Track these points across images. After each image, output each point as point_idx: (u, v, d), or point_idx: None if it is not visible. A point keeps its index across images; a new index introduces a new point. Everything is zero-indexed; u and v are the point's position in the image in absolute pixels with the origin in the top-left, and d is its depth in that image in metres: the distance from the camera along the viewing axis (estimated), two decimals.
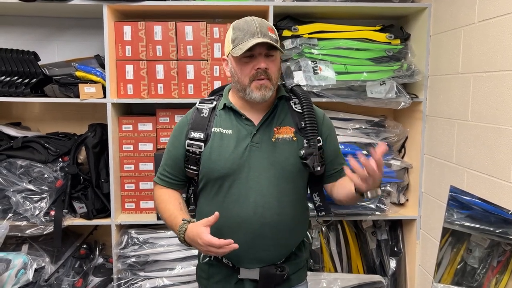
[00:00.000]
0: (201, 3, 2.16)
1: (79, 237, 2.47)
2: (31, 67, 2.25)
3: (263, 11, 2.20)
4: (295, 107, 1.48)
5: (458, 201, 1.83)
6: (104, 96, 2.17)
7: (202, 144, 1.44)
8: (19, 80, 2.22)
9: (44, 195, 2.17)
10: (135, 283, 2.18)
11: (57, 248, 2.26)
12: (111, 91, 2.16)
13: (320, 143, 1.46)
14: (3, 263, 2.02)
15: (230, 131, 1.43)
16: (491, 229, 1.63)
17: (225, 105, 1.47)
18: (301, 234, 1.53)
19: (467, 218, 1.77)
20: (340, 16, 2.37)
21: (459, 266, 1.80)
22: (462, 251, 1.79)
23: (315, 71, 2.12)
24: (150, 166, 2.27)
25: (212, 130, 1.45)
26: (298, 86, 1.54)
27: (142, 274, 2.19)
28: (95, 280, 2.29)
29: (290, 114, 1.47)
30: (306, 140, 1.43)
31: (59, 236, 2.17)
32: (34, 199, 2.16)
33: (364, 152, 2.28)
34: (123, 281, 2.18)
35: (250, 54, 1.34)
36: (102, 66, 2.23)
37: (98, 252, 2.43)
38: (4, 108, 2.52)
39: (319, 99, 2.15)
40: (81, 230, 2.49)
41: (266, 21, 1.40)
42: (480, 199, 1.71)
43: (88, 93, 2.16)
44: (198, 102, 1.53)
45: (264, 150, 1.41)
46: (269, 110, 1.45)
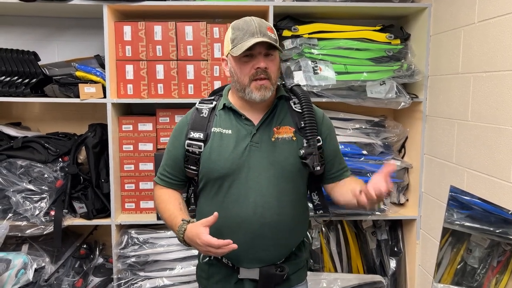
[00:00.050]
0: (201, 3, 2.16)
1: (79, 237, 2.47)
2: (31, 67, 2.25)
3: (263, 11, 2.20)
4: (295, 107, 1.48)
5: (458, 201, 1.83)
6: (104, 96, 2.17)
7: (202, 144, 1.44)
8: (19, 80, 2.22)
9: (44, 195, 2.17)
10: (135, 283, 2.18)
11: (57, 248, 2.26)
12: (111, 91, 2.16)
13: (319, 143, 1.45)
14: (3, 263, 2.02)
15: (230, 131, 1.43)
16: (491, 229, 1.63)
17: (224, 105, 1.46)
18: (301, 234, 1.53)
19: (467, 218, 1.77)
20: (340, 16, 2.37)
21: (459, 266, 1.80)
22: (462, 251, 1.79)
23: (315, 71, 2.12)
24: (150, 166, 2.27)
25: (212, 130, 1.45)
26: (298, 86, 1.54)
27: (142, 274, 2.19)
28: (95, 280, 2.29)
29: (289, 113, 1.47)
30: (305, 140, 1.43)
31: (59, 236, 2.17)
32: (34, 199, 2.16)
33: (364, 151, 2.30)
34: (123, 281, 2.19)
35: (249, 53, 1.34)
36: (102, 66, 2.23)
37: (98, 252, 2.43)
38: (4, 108, 2.52)
39: (319, 99, 2.15)
40: (81, 230, 2.49)
41: (266, 21, 1.40)
42: (480, 199, 1.71)
43: (88, 93, 2.16)
44: (198, 102, 1.53)
45: (263, 150, 1.41)
46: (268, 110, 1.45)
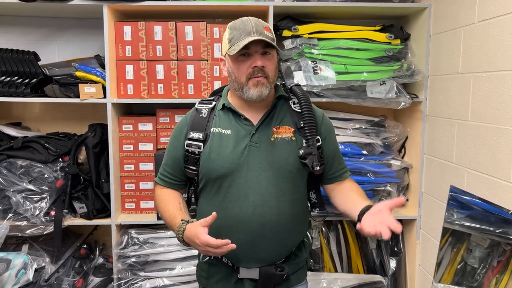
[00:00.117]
0: (201, 3, 2.16)
1: (79, 237, 2.47)
2: (31, 67, 2.25)
3: (263, 11, 2.20)
4: (294, 107, 1.47)
5: (458, 201, 1.83)
6: (104, 96, 2.17)
7: (201, 144, 1.44)
8: (19, 80, 2.22)
9: (44, 195, 2.17)
10: (135, 283, 2.18)
11: (57, 248, 2.27)
12: (111, 91, 2.16)
13: (319, 143, 1.45)
14: (4, 263, 2.02)
15: (229, 131, 1.43)
16: (491, 229, 1.63)
17: (224, 105, 1.46)
18: (300, 234, 1.53)
19: (467, 218, 1.77)
20: (340, 16, 2.37)
21: (459, 266, 1.80)
22: (462, 251, 1.79)
23: (315, 71, 2.12)
24: (150, 166, 2.27)
25: (211, 130, 1.45)
26: (298, 85, 1.53)
27: (142, 274, 2.20)
28: (95, 280, 2.29)
29: (289, 113, 1.47)
30: (305, 140, 1.43)
31: (59, 236, 2.17)
32: (34, 199, 2.16)
33: (365, 151, 2.30)
34: (123, 281, 2.19)
35: (246, 52, 1.35)
36: (102, 66, 2.24)
37: (98, 252, 2.44)
38: (4, 108, 2.52)
39: (319, 99, 2.15)
40: (81, 230, 2.49)
41: (263, 21, 1.40)
42: (480, 199, 1.71)
43: (88, 93, 2.16)
44: (198, 103, 1.53)
45: (263, 149, 1.41)
46: (268, 110, 1.45)
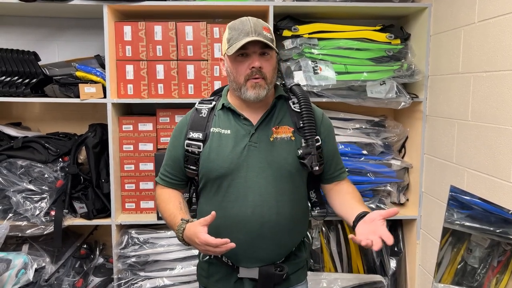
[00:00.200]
0: (201, 3, 2.16)
1: (79, 237, 2.47)
2: (31, 67, 2.25)
3: (263, 11, 2.20)
4: (294, 107, 1.47)
5: (458, 201, 1.83)
6: (104, 96, 2.17)
7: (201, 144, 1.44)
8: (20, 80, 2.22)
9: (45, 195, 2.17)
10: (136, 283, 2.18)
11: (57, 248, 2.27)
12: (111, 91, 2.16)
13: (318, 143, 1.45)
14: (4, 263, 2.02)
15: (229, 131, 1.43)
16: (491, 229, 1.63)
17: (223, 105, 1.47)
18: (300, 234, 1.53)
19: (467, 218, 1.77)
20: (340, 16, 2.37)
21: (460, 266, 1.80)
22: (463, 251, 1.79)
23: (315, 71, 2.12)
24: (151, 166, 2.27)
25: (211, 130, 1.45)
26: (297, 85, 1.53)
27: (142, 274, 2.20)
28: (96, 280, 2.29)
29: (288, 113, 1.47)
30: (304, 140, 1.43)
31: (59, 236, 2.17)
32: (35, 199, 2.16)
33: (365, 151, 2.29)
34: (124, 281, 2.19)
35: (244, 52, 1.35)
36: (102, 66, 2.24)
37: (98, 252, 2.44)
38: (4, 108, 2.52)
39: (319, 99, 2.15)
40: (81, 230, 2.49)
41: (263, 21, 1.40)
42: (480, 199, 1.71)
43: (88, 93, 2.16)
44: (198, 103, 1.53)
45: (262, 149, 1.41)
46: (267, 110, 1.45)
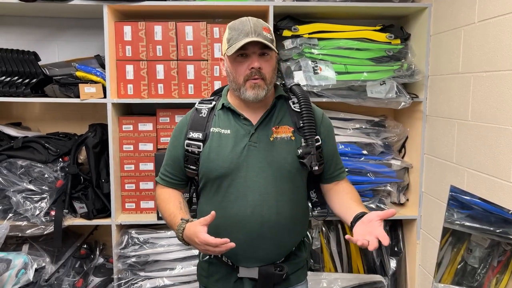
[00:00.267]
0: (201, 3, 2.16)
1: (79, 237, 2.47)
2: (31, 67, 2.25)
3: (263, 11, 2.20)
4: (294, 107, 1.47)
5: (458, 201, 1.83)
6: (104, 96, 2.17)
7: (201, 144, 1.44)
8: (20, 80, 2.22)
9: (45, 195, 2.17)
10: (136, 283, 2.18)
11: (57, 248, 2.27)
12: (111, 91, 2.16)
13: (318, 143, 1.45)
14: (4, 263, 2.02)
15: (229, 131, 1.43)
16: (492, 229, 1.63)
17: (223, 105, 1.47)
18: (300, 233, 1.53)
19: (467, 218, 1.77)
20: (340, 16, 2.37)
21: (460, 266, 1.80)
22: (463, 251, 1.79)
23: (315, 71, 2.12)
24: (151, 166, 2.27)
25: (211, 130, 1.45)
26: (297, 85, 1.53)
27: (142, 274, 2.20)
28: (96, 280, 2.29)
29: (288, 113, 1.47)
30: (304, 139, 1.43)
31: (59, 236, 2.17)
32: (35, 199, 2.16)
33: (365, 151, 2.29)
34: (124, 281, 2.19)
35: (244, 53, 1.35)
36: (102, 66, 2.24)
37: (98, 252, 2.44)
38: (4, 108, 2.52)
39: (319, 99, 2.15)
40: (81, 230, 2.49)
41: (263, 21, 1.40)
42: (480, 199, 1.71)
43: (88, 93, 2.16)
44: (198, 103, 1.53)
45: (262, 149, 1.41)
46: (267, 110, 1.44)
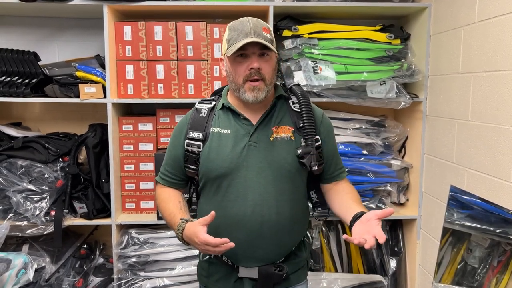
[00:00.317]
0: (201, 3, 2.16)
1: (79, 237, 2.47)
2: (31, 67, 2.25)
3: (263, 11, 2.20)
4: (294, 107, 1.48)
5: (459, 201, 1.83)
6: (104, 96, 2.17)
7: (201, 143, 1.44)
8: (20, 80, 2.22)
9: (45, 195, 2.17)
10: (136, 283, 2.18)
11: (57, 248, 2.27)
12: (111, 91, 2.16)
13: (318, 142, 1.45)
14: (4, 263, 2.02)
15: (228, 131, 1.43)
16: (492, 229, 1.63)
17: (223, 105, 1.47)
18: (300, 233, 1.53)
19: (467, 218, 1.77)
20: (340, 16, 2.37)
21: (460, 266, 1.80)
22: (463, 251, 1.79)
23: (315, 71, 2.12)
24: (151, 166, 2.27)
25: (211, 130, 1.45)
26: (297, 85, 1.53)
27: (142, 274, 2.20)
28: (96, 280, 2.29)
29: (288, 113, 1.47)
30: (303, 139, 1.43)
31: (59, 236, 2.17)
32: (35, 199, 2.16)
33: (365, 151, 2.29)
34: (124, 281, 2.19)
35: (243, 53, 1.35)
36: (102, 66, 2.24)
37: (98, 252, 2.44)
38: (4, 108, 2.52)
39: (319, 99, 2.15)
40: (81, 230, 2.49)
41: (263, 21, 1.40)
42: (480, 199, 1.71)
43: (88, 93, 2.16)
44: (198, 103, 1.53)
45: (262, 149, 1.41)
46: (267, 110, 1.45)
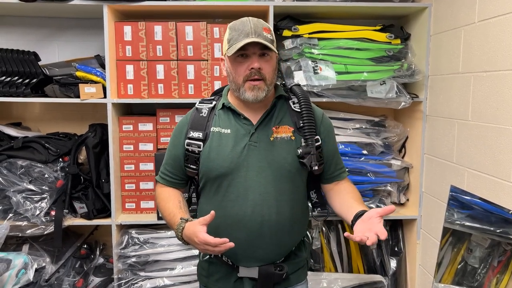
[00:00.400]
0: (201, 3, 2.16)
1: (79, 237, 2.47)
2: (31, 67, 2.25)
3: (263, 11, 2.20)
4: (294, 107, 1.48)
5: (459, 200, 1.83)
6: (105, 96, 2.17)
7: (201, 143, 1.44)
8: (20, 80, 2.22)
9: (45, 195, 2.17)
10: (136, 283, 2.18)
11: (57, 248, 2.27)
12: (111, 91, 2.16)
13: (318, 142, 1.45)
14: (4, 263, 2.02)
15: (229, 131, 1.43)
16: (492, 229, 1.63)
17: (223, 104, 1.47)
18: (300, 233, 1.53)
19: (467, 218, 1.77)
20: (340, 16, 2.37)
21: (460, 266, 1.80)
22: (463, 251, 1.79)
23: (316, 71, 2.12)
24: (151, 166, 2.27)
25: (211, 130, 1.45)
26: (298, 85, 1.54)
27: (142, 274, 2.20)
28: (96, 280, 2.29)
29: (289, 113, 1.47)
30: (303, 139, 1.43)
31: (59, 236, 2.17)
32: (35, 199, 2.16)
33: (365, 151, 2.29)
34: (124, 281, 2.19)
35: (244, 53, 1.35)
36: (103, 66, 2.24)
37: (98, 252, 2.44)
38: (4, 108, 2.52)
39: (320, 99, 2.15)
40: (81, 230, 2.49)
41: (263, 21, 1.40)
42: (480, 198, 1.71)
43: (89, 93, 2.16)
44: (198, 102, 1.53)
45: (262, 149, 1.41)
46: (267, 110, 1.45)
